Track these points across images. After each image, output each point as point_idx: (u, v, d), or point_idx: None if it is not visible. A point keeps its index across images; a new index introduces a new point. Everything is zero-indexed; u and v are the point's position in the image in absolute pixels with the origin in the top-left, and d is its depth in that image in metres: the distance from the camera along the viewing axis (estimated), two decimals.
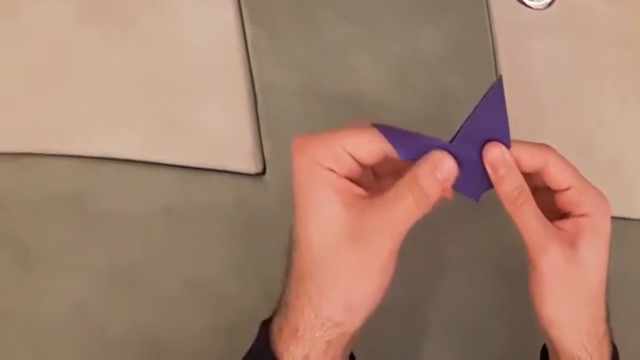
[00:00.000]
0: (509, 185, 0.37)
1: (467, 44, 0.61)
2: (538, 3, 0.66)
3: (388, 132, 0.35)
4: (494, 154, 0.36)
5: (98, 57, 0.49)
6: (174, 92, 0.51)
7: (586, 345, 0.39)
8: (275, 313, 0.37)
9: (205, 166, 0.50)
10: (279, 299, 0.37)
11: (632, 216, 0.61)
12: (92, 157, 0.47)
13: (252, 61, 0.53)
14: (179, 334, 0.46)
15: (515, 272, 0.55)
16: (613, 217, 0.61)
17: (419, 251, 0.54)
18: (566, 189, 0.38)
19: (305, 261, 0.34)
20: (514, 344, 0.55)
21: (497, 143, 0.36)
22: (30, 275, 0.44)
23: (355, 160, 0.35)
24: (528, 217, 0.37)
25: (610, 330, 0.41)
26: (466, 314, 0.54)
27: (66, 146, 0.47)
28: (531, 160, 0.37)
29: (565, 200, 0.39)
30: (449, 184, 0.36)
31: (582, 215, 0.38)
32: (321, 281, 0.34)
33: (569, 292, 0.38)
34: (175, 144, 0.49)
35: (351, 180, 0.36)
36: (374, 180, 0.39)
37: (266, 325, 0.37)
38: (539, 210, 0.38)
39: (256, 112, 0.52)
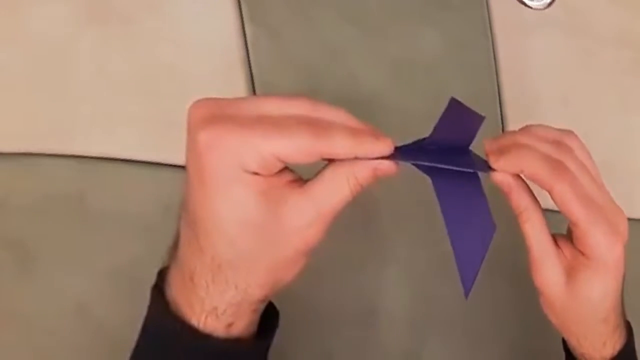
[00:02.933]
0: (514, 203, 0.38)
1: (467, 44, 0.61)
2: (538, 3, 0.66)
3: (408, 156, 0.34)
4: (497, 178, 0.37)
5: (98, 57, 0.49)
6: (174, 91, 0.50)
7: (585, 353, 0.40)
8: (168, 278, 0.35)
9: None
10: (167, 261, 0.35)
11: (632, 216, 0.61)
12: (92, 157, 0.47)
13: (252, 61, 0.53)
14: None
15: (516, 273, 0.55)
16: None
17: (420, 252, 0.54)
18: (573, 222, 0.37)
19: (222, 252, 0.32)
20: (515, 344, 0.55)
21: (499, 174, 0.37)
22: (30, 275, 0.44)
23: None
24: (530, 234, 0.38)
25: (620, 334, 0.41)
26: (467, 314, 0.54)
27: (66, 146, 0.47)
28: (535, 179, 0.37)
29: (572, 228, 0.38)
30: (375, 172, 0.34)
31: (583, 254, 0.38)
32: (248, 272, 0.32)
33: (563, 311, 0.39)
34: (175, 144, 0.49)
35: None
36: None
37: (160, 292, 0.34)
38: (543, 229, 0.38)
39: None
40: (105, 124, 0.48)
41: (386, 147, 0.33)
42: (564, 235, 0.40)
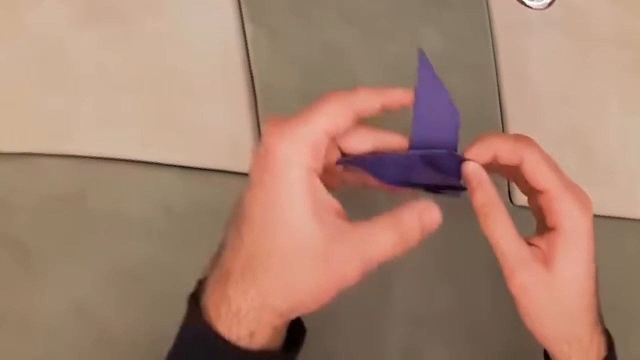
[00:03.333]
0: (477, 201, 0.38)
1: (467, 44, 0.61)
2: (538, 3, 0.66)
3: (356, 163, 0.36)
4: (469, 168, 0.38)
5: (98, 57, 0.49)
6: (174, 92, 0.51)
7: (571, 356, 0.39)
8: (203, 285, 0.35)
9: (205, 166, 0.50)
10: (208, 269, 0.36)
11: (632, 216, 0.61)
12: (92, 157, 0.47)
13: (252, 61, 0.53)
14: None
15: None
16: (613, 217, 0.62)
17: (419, 251, 0.54)
18: (542, 192, 0.38)
19: (262, 253, 0.33)
20: (515, 344, 0.55)
21: (472, 162, 0.38)
22: (30, 275, 0.44)
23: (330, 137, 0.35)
24: (498, 238, 0.37)
25: (602, 333, 0.40)
26: (467, 314, 0.54)
27: (66, 146, 0.47)
28: (508, 156, 0.38)
29: (542, 204, 0.38)
30: (430, 233, 0.36)
31: (554, 229, 0.37)
32: (275, 280, 0.33)
33: (545, 312, 0.38)
34: (175, 144, 0.49)
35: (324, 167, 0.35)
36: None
37: (196, 300, 0.35)
38: (511, 231, 0.37)
39: (256, 112, 0.52)
40: (105, 124, 0.48)
41: (407, 92, 0.37)
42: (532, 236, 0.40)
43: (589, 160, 0.61)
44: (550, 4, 0.66)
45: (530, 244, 0.38)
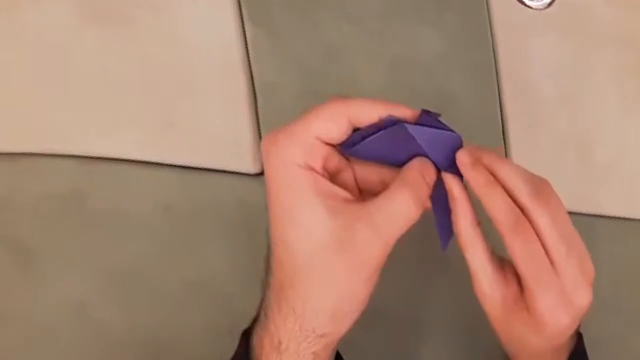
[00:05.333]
0: (458, 223, 0.36)
1: (467, 44, 0.61)
2: (538, 3, 0.66)
3: (357, 150, 0.35)
4: (449, 183, 0.36)
5: (98, 57, 0.49)
6: (174, 92, 0.51)
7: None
8: (255, 323, 0.35)
9: (205, 166, 0.50)
10: (258, 308, 0.35)
11: (632, 216, 0.61)
12: (92, 157, 0.47)
13: (252, 61, 0.53)
14: (179, 334, 0.46)
15: None
16: (613, 217, 0.62)
17: (418, 251, 0.54)
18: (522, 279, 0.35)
19: (286, 271, 0.32)
20: None
21: (454, 177, 0.36)
22: (30, 275, 0.44)
23: (328, 144, 0.34)
24: (471, 261, 0.36)
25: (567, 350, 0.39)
26: (466, 314, 0.54)
27: (66, 146, 0.47)
28: (494, 225, 0.35)
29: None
30: (431, 186, 0.35)
31: (533, 303, 0.35)
32: (305, 292, 0.32)
33: (504, 326, 0.37)
34: (175, 144, 0.49)
35: (332, 176, 0.34)
36: (357, 191, 0.37)
37: (246, 337, 0.35)
38: (485, 258, 0.36)
39: (256, 112, 0.52)
40: (105, 124, 0.48)
41: (408, 110, 0.35)
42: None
43: (589, 160, 0.61)
44: (550, 4, 0.66)
45: (504, 268, 0.37)
